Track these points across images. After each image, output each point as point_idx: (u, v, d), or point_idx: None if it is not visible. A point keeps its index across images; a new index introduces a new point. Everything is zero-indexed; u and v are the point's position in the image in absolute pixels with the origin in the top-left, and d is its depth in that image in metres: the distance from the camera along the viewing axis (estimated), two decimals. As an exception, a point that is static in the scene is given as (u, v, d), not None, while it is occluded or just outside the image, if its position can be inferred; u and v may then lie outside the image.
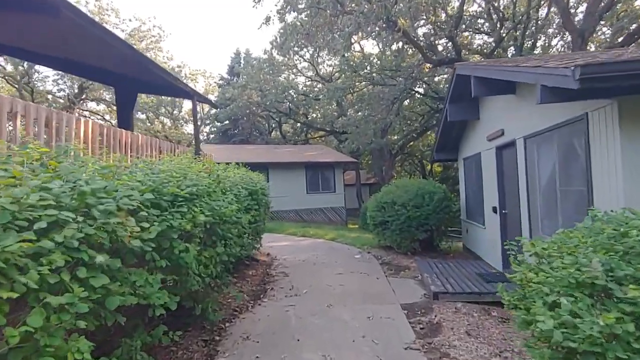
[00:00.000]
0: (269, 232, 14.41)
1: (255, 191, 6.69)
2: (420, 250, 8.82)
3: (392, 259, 8.71)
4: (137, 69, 7.33)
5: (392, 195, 9.11)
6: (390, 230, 8.93)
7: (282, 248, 10.55)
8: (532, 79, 3.61)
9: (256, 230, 7.36)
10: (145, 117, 37.35)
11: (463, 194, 9.50)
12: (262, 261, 8.45)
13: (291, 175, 20.08)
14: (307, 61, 27.43)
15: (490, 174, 7.19)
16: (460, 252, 9.76)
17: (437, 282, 6.12)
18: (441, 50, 14.51)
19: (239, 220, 4.79)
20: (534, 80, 3.52)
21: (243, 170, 8.86)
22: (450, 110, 7.76)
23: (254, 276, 7.13)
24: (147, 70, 6.97)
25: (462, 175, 9.62)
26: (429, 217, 8.47)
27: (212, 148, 21.69)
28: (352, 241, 11.43)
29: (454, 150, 9.96)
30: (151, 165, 3.92)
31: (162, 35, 24.08)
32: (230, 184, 5.12)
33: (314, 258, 9.02)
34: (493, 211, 6.95)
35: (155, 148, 6.32)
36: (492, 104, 6.86)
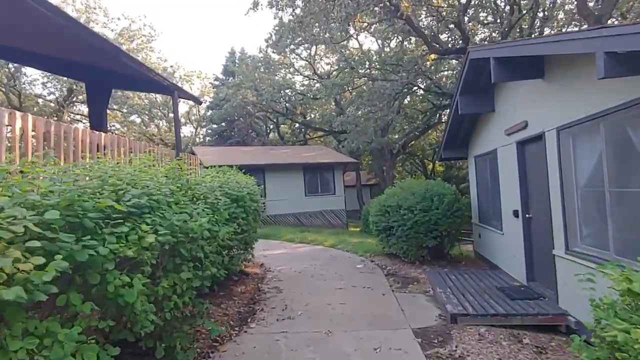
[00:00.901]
0: (264, 238, 13.57)
1: (242, 197, 5.83)
2: (429, 259, 7.95)
3: (398, 268, 7.85)
4: (109, 61, 6.48)
5: (396, 198, 8.25)
6: (396, 237, 8.07)
7: (277, 257, 9.69)
8: (589, 47, 2.76)
9: (245, 241, 6.51)
10: (140, 121, 36.59)
11: (474, 195, 8.63)
12: (254, 274, 7.58)
13: (289, 177, 19.22)
14: (304, 59, 26.60)
15: (509, 173, 6.33)
16: (471, 259, 8.90)
17: (454, 300, 5.26)
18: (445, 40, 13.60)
19: (215, 235, 3.92)
20: (592, 47, 2.68)
21: (231, 172, 8.05)
22: (461, 102, 6.90)
23: (242, 293, 6.26)
24: (120, 62, 6.12)
25: (473, 175, 8.76)
26: (439, 221, 7.61)
27: (205, 150, 20.86)
28: (354, 248, 10.56)
29: (463, 148, 9.10)
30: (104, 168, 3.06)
31: (154, 34, 23.26)
32: (206, 190, 4.25)
33: (311, 269, 8.16)
34: (514, 215, 6.08)
35: (124, 149, 5.46)
36: (512, 92, 6.00)
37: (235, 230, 5.58)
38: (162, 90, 6.96)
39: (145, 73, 6.15)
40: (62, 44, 5.94)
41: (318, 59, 27.49)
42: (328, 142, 33.33)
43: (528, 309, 4.76)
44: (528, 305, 4.89)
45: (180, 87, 7.21)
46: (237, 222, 5.68)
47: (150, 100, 26.69)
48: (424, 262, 7.96)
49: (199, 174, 8.27)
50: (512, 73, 4.77)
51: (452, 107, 7.75)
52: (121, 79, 7.07)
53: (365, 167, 36.30)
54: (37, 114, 23.06)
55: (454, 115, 7.75)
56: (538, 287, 5.54)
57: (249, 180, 7.89)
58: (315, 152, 22.64)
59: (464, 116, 7.74)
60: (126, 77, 6.95)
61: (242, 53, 28.36)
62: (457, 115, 7.53)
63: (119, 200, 2.50)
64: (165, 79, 6.78)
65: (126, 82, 7.15)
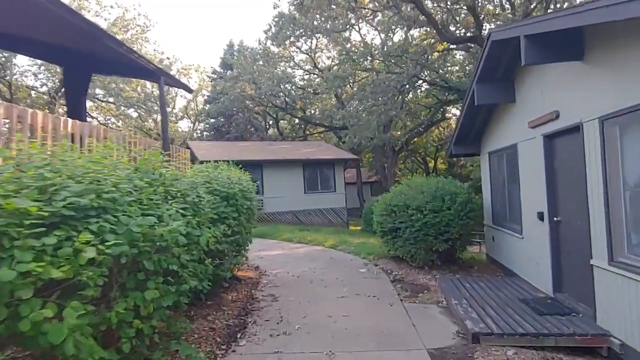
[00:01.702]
0: (261, 237, 12.91)
1: (232, 195, 5.16)
2: (439, 263, 7.29)
3: (405, 274, 7.19)
4: (88, 42, 5.81)
5: (404, 197, 7.59)
6: (403, 239, 7.41)
7: (274, 259, 9.03)
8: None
9: (237, 243, 5.85)
10: (137, 115, 35.89)
11: (488, 195, 7.97)
12: (247, 279, 6.93)
13: (288, 173, 18.55)
14: (305, 52, 25.87)
15: (532, 171, 5.66)
16: (483, 263, 8.25)
17: (473, 315, 4.61)
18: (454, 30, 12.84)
19: (196, 240, 3.26)
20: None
21: (224, 167, 7.40)
22: (478, 91, 6.22)
23: (233, 302, 5.60)
24: (100, 44, 5.46)
25: (486, 173, 8.09)
26: (451, 223, 6.95)
27: (201, 145, 20.19)
28: (356, 249, 9.91)
29: (476, 144, 8.43)
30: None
31: (149, 24, 22.50)
32: (186, 187, 3.57)
33: (310, 273, 7.50)
34: (538, 218, 5.42)
35: (98, 138, 4.78)
36: (538, 79, 5.33)
37: (225, 232, 4.92)
38: (147, 75, 6.28)
39: (125, 54, 5.47)
40: (36, 23, 5.27)
41: (319, 52, 26.77)
42: (328, 139, 32.66)
43: (562, 328, 4.10)
44: (560, 323, 4.24)
45: (168, 73, 6.54)
46: (227, 223, 5.02)
47: (146, 93, 25.93)
48: (433, 267, 7.31)
49: (189, 169, 7.61)
50: (547, 53, 4.09)
51: (466, 98, 7.07)
52: (102, 63, 6.40)
53: (366, 165, 35.67)
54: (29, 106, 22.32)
55: (469, 107, 7.07)
56: (567, 300, 4.89)
57: (242, 175, 7.22)
58: (315, 148, 21.95)
59: (479, 108, 7.07)
60: (107, 60, 6.27)
61: (240, 45, 27.60)
62: (473, 107, 6.86)
63: (50, 200, 1.83)
64: (150, 62, 6.09)
65: (107, 67, 6.47)
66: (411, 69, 13.06)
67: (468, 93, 6.87)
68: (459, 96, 16.25)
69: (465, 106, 7.27)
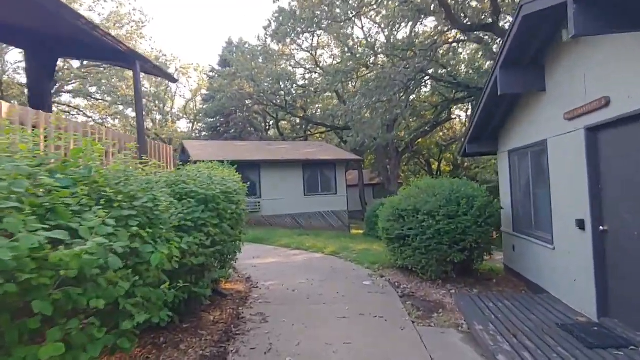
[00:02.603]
0: (257, 242, 12.05)
1: (212, 197, 4.31)
2: (454, 276, 6.42)
3: (415, 288, 6.32)
4: (54, 23, 5.00)
5: (413, 200, 6.73)
6: (412, 248, 6.55)
7: (268, 268, 8.17)
8: None
9: (221, 253, 5.01)
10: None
11: (507, 198, 7.09)
12: (235, 293, 6.06)
13: (287, 174, 17.70)
14: (306, 50, 25.05)
15: (568, 170, 4.80)
16: (501, 275, 7.38)
17: (505, 346, 3.73)
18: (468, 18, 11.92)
19: (145, 261, 2.41)
20: None
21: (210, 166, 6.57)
22: (502, 78, 5.36)
23: (215, 324, 4.74)
24: (67, 23, 4.64)
25: (505, 173, 7.22)
26: (468, 231, 6.08)
27: (195, 144, 19.38)
28: (359, 257, 9.05)
29: (492, 141, 7.56)
30: None
31: (144, 20, 21.72)
32: (135, 189, 2.70)
33: (308, 286, 6.64)
34: (578, 227, 4.55)
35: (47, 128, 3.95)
36: (580, 60, 4.47)
37: (203, 242, 4.08)
38: (120, 58, 5.44)
39: (89, 31, 4.63)
40: (12, 10, 4.47)
41: (320, 49, 25.97)
42: (330, 140, 31.85)
43: (623, 369, 3.23)
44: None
45: (144, 57, 5.69)
46: (205, 231, 4.17)
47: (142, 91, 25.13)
48: (447, 280, 6.44)
49: (172, 168, 6.78)
50: (607, 20, 3.24)
51: (485, 88, 6.21)
52: (68, 45, 5.57)
53: (368, 166, 34.83)
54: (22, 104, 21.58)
55: (488, 98, 6.22)
56: (618, 327, 4.01)
57: (229, 174, 6.39)
58: (316, 148, 21.10)
59: (499, 100, 6.22)
60: (74, 42, 5.45)
61: (240, 43, 26.79)
62: (493, 97, 6.01)
63: None
64: (122, 43, 5.25)
65: (74, 49, 5.65)
66: (419, 61, 12.18)
67: (488, 82, 6.01)
68: (468, 93, 15.43)
69: (483, 98, 6.41)
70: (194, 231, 3.98)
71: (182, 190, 4.26)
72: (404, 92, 13.58)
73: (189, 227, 3.92)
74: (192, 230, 3.97)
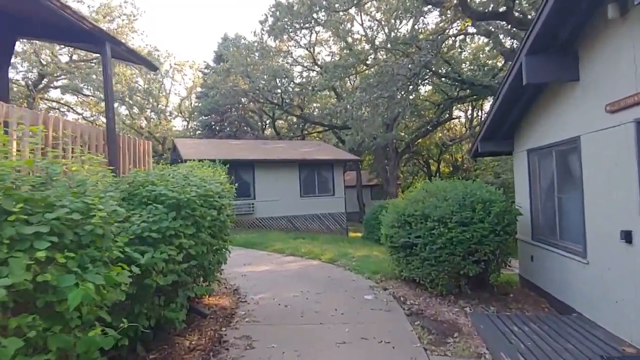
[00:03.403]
0: (249, 247, 11.28)
1: (186, 202, 3.56)
2: (469, 291, 5.69)
3: (424, 304, 5.59)
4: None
5: (421, 205, 6.00)
6: (420, 259, 5.82)
7: (259, 277, 7.42)
8: None
9: (200, 267, 4.26)
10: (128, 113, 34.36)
11: (525, 202, 6.38)
12: (220, 309, 5.31)
13: (282, 175, 16.94)
14: (304, 47, 24.30)
15: (611, 173, 4.09)
16: (518, 288, 6.67)
17: (545, 390, 3.00)
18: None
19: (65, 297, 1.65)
20: None
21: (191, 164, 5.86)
22: (528, 66, 4.64)
23: (190, 351, 3.98)
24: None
25: (523, 175, 6.51)
26: (485, 240, 5.36)
27: (186, 143, 18.60)
28: (359, 265, 8.31)
29: (507, 140, 6.86)
30: None
31: (136, 13, 20.89)
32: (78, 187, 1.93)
33: (302, 300, 5.90)
34: (624, 239, 3.83)
35: None
36: (629, 41, 3.75)
37: (172, 257, 3.32)
38: (86, 39, 4.68)
39: (62, 13, 3.88)
40: None
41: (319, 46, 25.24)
42: (328, 140, 31.13)
43: None
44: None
45: (115, 38, 4.93)
46: (176, 244, 3.41)
47: (130, 86, 24.29)
48: (460, 295, 5.71)
49: (149, 166, 6.03)
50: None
51: (505, 80, 5.50)
52: (28, 23, 4.80)
53: (366, 167, 34.13)
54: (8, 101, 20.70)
55: (508, 91, 5.50)
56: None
57: (218, 175, 5.67)
58: (313, 147, 20.36)
59: (521, 93, 5.52)
60: (33, 20, 4.68)
61: (236, 39, 25.96)
62: (514, 90, 5.32)
63: None
64: (88, 20, 4.49)
65: (34, 28, 4.86)
66: (424, 54, 11.43)
67: (509, 72, 5.30)
68: (472, 91, 14.76)
69: (501, 91, 5.69)
70: (161, 244, 3.23)
71: (150, 193, 3.51)
72: (406, 88, 12.84)
73: (154, 239, 3.17)
74: (160, 242, 3.23)
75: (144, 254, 3.01)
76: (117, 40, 4.96)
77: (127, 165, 5.25)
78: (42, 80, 21.00)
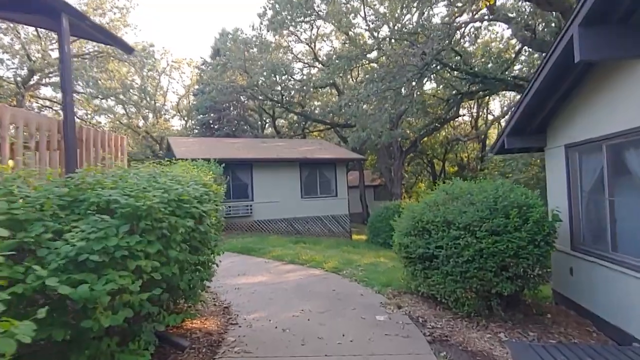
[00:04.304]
0: (245, 253, 10.39)
1: (146, 211, 2.66)
2: (502, 312, 4.80)
3: (448, 328, 4.70)
4: None
5: (442, 209, 5.12)
6: (442, 274, 4.94)
7: (254, 291, 6.54)
8: None
9: (174, 289, 3.39)
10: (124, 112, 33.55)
11: (564, 206, 5.47)
12: (204, 336, 4.42)
13: (282, 175, 16.07)
14: (304, 42, 23.42)
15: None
16: (551, 303, 5.78)
17: None
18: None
19: None
20: None
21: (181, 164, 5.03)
22: (583, 39, 3.75)
23: (160, 402, 3.10)
24: None
25: (560, 175, 5.62)
26: (522, 252, 4.48)
27: (180, 141, 17.77)
28: (367, 274, 7.44)
29: (537, 135, 5.97)
30: None
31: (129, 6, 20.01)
32: None
33: (303, 322, 5.01)
34: None
35: None
36: None
37: (123, 287, 2.44)
38: (37, 9, 3.82)
39: None
40: None
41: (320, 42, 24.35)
42: (330, 139, 30.27)
43: None
44: None
45: (77, 10, 4.05)
46: (131, 268, 2.53)
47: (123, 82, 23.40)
48: (490, 316, 4.83)
49: (120, 163, 5.15)
50: None
51: (545, 60, 4.61)
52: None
53: (369, 167, 33.28)
54: None
55: (550, 73, 4.61)
56: None
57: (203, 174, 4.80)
58: (315, 146, 19.47)
59: (566, 73, 4.62)
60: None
61: (234, 34, 25.02)
62: (557, 71, 4.42)
63: None
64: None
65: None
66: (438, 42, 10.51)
67: (552, 49, 4.40)
68: (483, 85, 13.87)
69: (541, 73, 4.80)
70: (109, 269, 2.36)
71: (100, 199, 2.63)
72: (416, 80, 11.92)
73: (97, 263, 2.29)
74: (106, 267, 2.35)
75: (79, 284, 2.13)
76: (78, 12, 4.07)
77: (94, 163, 4.37)
78: (31, 77, 20.15)
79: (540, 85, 4.90)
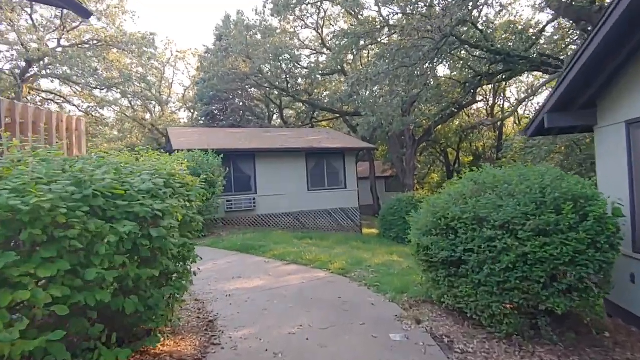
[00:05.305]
0: (246, 251, 9.46)
1: (35, 215, 1.73)
2: (552, 335, 3.79)
3: (483, 353, 3.72)
4: None
5: (472, 202, 4.12)
6: (472, 283, 3.96)
7: (248, 298, 5.65)
8: None
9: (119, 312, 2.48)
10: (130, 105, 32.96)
11: (626, 199, 4.40)
12: (180, 357, 3.53)
13: (287, 166, 15.14)
14: (311, 27, 22.28)
15: None
16: (604, 319, 4.74)
17: None
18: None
19: None
20: None
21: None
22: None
23: None
24: None
25: (619, 159, 4.55)
26: (580, 257, 3.46)
27: (178, 131, 16.99)
28: (378, 277, 6.50)
29: (585, 112, 4.89)
30: None
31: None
32: None
33: (301, 342, 4.10)
34: None
35: None
36: None
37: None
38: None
39: None
40: None
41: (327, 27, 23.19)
42: (338, 129, 29.20)
43: None
44: None
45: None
46: (8, 303, 1.60)
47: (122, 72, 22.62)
48: (535, 338, 3.83)
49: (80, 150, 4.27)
50: None
51: (607, 15, 3.53)
52: None
53: (380, 157, 32.15)
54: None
55: (611, 31, 3.54)
56: None
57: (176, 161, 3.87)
58: (322, 135, 18.47)
59: (627, 34, 3.54)
60: None
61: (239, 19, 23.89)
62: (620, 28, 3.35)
63: None
64: None
65: None
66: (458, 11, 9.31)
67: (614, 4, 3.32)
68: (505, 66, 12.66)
69: (598, 32, 3.73)
70: None
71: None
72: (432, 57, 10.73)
73: None
74: None
75: None
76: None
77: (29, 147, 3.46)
78: (29, 69, 19.49)
79: (596, 50, 3.82)
